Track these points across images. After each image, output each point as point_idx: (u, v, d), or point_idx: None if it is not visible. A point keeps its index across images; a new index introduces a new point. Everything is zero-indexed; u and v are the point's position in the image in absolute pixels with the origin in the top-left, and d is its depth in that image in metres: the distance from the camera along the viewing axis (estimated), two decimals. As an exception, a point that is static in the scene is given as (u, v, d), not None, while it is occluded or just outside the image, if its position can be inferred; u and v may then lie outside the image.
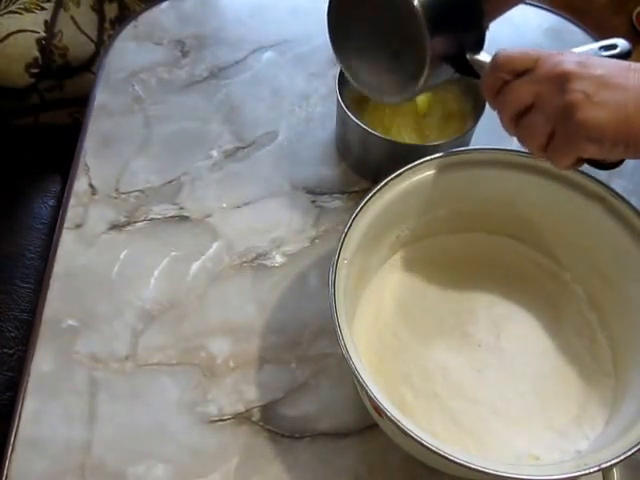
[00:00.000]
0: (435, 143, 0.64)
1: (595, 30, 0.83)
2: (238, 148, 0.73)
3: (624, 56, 0.66)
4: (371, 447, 0.55)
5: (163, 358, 0.60)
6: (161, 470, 0.54)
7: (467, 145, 0.67)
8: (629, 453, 0.43)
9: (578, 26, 0.84)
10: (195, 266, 0.65)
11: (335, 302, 0.48)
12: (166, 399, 0.58)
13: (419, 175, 0.55)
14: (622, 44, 0.66)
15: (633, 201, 0.53)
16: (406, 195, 0.55)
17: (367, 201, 0.53)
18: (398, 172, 0.54)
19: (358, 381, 0.45)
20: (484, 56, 0.51)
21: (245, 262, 0.65)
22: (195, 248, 0.66)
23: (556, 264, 0.60)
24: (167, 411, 0.57)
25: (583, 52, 0.66)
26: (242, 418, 0.57)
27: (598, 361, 0.56)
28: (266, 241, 0.66)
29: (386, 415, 0.44)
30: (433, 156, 0.55)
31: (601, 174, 0.69)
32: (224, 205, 0.69)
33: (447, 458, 0.42)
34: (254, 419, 0.57)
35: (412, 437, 0.43)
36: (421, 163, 0.55)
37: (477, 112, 0.66)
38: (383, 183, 0.54)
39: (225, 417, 0.57)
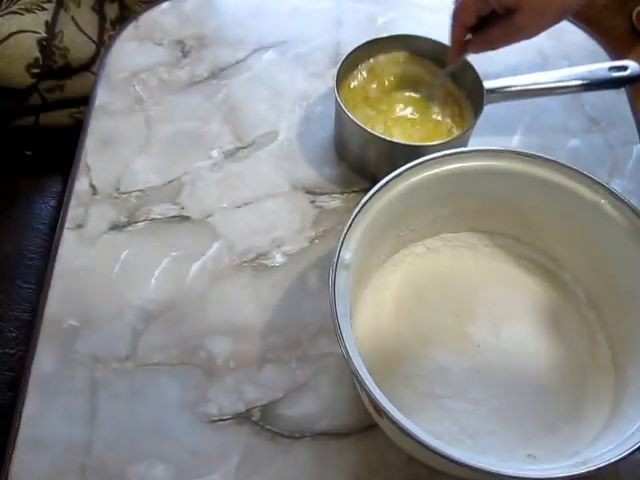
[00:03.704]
0: (434, 143, 0.64)
1: (595, 30, 0.83)
2: (238, 148, 0.73)
3: (635, 79, 0.66)
4: (371, 447, 0.55)
5: (163, 358, 0.60)
6: (161, 470, 0.55)
7: (465, 145, 0.68)
8: (626, 453, 0.43)
9: (578, 26, 0.84)
10: (195, 266, 0.65)
11: (335, 302, 0.48)
12: (166, 399, 0.58)
13: (419, 175, 0.55)
14: (633, 67, 0.66)
15: (633, 201, 0.53)
16: (406, 194, 0.55)
17: (367, 201, 0.53)
18: (398, 172, 0.54)
19: (358, 381, 0.45)
20: None
21: (245, 262, 0.65)
22: (195, 248, 0.66)
23: (556, 264, 0.60)
24: (167, 411, 0.57)
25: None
26: (242, 418, 0.57)
27: (598, 361, 0.56)
28: (266, 241, 0.66)
29: (386, 415, 0.44)
30: (432, 155, 0.55)
31: (602, 174, 0.69)
32: (224, 205, 0.69)
33: (447, 457, 0.42)
34: (254, 419, 0.57)
35: (412, 437, 0.43)
36: (421, 163, 0.55)
37: (476, 112, 0.66)
38: (383, 182, 0.54)
39: (225, 417, 0.57)
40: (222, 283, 0.64)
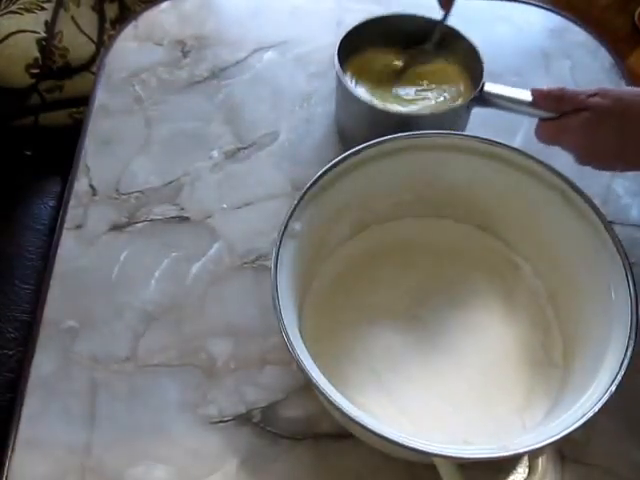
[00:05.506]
0: (434, 112, 0.64)
1: (597, 30, 0.83)
2: (239, 149, 0.73)
3: None
4: (373, 448, 0.55)
5: (163, 359, 0.59)
6: (161, 471, 0.54)
7: (467, 118, 0.67)
8: (540, 445, 0.42)
9: (580, 26, 0.83)
10: (196, 267, 0.65)
11: (277, 270, 0.48)
12: (166, 400, 0.57)
13: (381, 155, 0.55)
14: None
15: (636, 203, 0.52)
16: (368, 174, 0.54)
17: (321, 175, 0.52)
18: (357, 149, 0.53)
19: (288, 346, 0.44)
20: None
21: (246, 263, 0.65)
22: (196, 249, 0.66)
23: (518, 256, 0.60)
24: (167, 412, 0.57)
25: None
26: (243, 419, 0.56)
27: (549, 354, 0.55)
28: (267, 242, 0.66)
29: (311, 381, 0.43)
30: (394, 136, 0.54)
31: (604, 175, 0.68)
32: (225, 206, 0.69)
33: (364, 427, 0.42)
34: (255, 420, 0.56)
35: (335, 407, 0.42)
36: (382, 142, 0.54)
37: (475, 84, 0.64)
38: (342, 157, 0.53)
39: (226, 418, 0.57)
40: (222, 284, 0.64)
